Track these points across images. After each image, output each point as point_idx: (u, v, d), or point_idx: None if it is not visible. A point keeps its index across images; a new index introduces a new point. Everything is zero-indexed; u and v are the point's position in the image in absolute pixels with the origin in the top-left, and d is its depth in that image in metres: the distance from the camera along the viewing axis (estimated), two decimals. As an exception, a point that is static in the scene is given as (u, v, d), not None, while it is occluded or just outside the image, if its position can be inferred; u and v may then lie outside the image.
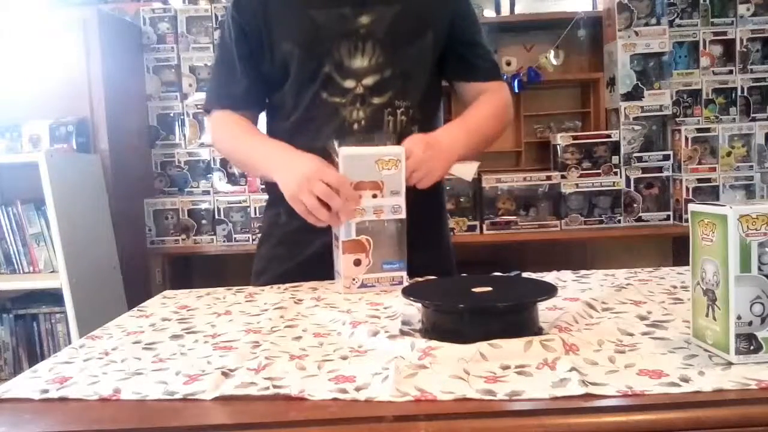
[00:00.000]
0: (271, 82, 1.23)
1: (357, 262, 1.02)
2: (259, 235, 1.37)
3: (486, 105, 1.26)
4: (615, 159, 2.56)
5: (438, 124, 1.28)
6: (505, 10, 2.77)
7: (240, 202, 2.64)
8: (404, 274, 1.03)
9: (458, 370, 0.62)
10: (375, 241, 1.02)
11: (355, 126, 1.16)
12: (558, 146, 2.58)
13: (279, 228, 1.26)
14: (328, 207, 1.01)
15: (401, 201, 1.02)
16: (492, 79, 1.30)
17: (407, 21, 1.18)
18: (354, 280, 1.02)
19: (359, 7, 1.16)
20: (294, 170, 1.05)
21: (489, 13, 2.83)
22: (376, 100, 1.17)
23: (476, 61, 1.28)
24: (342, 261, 1.02)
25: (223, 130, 1.25)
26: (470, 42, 1.27)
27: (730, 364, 0.60)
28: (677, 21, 2.66)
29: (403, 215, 1.02)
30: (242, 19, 1.19)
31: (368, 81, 1.17)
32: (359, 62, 1.17)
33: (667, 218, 2.58)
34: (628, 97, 2.58)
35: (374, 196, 1.01)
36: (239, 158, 1.28)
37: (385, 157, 1.01)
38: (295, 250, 1.23)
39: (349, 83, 1.17)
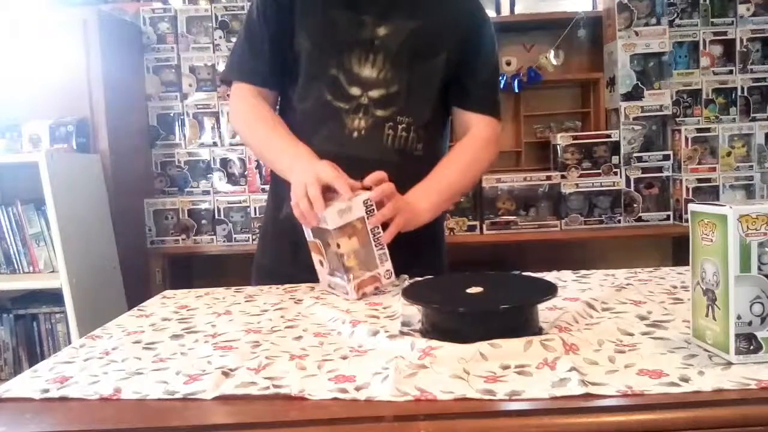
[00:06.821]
0: (289, 72, 1.22)
1: (320, 263, 1.04)
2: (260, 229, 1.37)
3: (461, 157, 1.22)
4: (615, 159, 2.56)
5: (443, 145, 1.28)
6: (505, 10, 2.77)
7: (240, 202, 2.64)
8: (350, 287, 0.97)
9: (458, 370, 0.62)
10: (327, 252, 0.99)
11: (355, 134, 1.15)
12: (558, 146, 2.58)
13: (279, 223, 1.25)
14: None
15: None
16: (483, 113, 1.25)
17: (423, 39, 1.17)
18: (322, 279, 1.05)
19: (379, 18, 1.16)
20: (297, 174, 1.03)
21: (489, 13, 2.82)
22: (378, 113, 1.16)
23: (473, 89, 1.24)
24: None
25: (240, 109, 1.23)
26: (474, 68, 1.23)
27: (729, 364, 0.60)
28: (677, 21, 2.66)
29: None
30: (273, 1, 1.19)
31: (374, 93, 1.16)
32: (368, 72, 1.16)
33: (667, 218, 2.58)
34: (628, 97, 2.58)
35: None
36: (253, 146, 1.24)
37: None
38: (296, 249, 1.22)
39: (355, 90, 1.16)
